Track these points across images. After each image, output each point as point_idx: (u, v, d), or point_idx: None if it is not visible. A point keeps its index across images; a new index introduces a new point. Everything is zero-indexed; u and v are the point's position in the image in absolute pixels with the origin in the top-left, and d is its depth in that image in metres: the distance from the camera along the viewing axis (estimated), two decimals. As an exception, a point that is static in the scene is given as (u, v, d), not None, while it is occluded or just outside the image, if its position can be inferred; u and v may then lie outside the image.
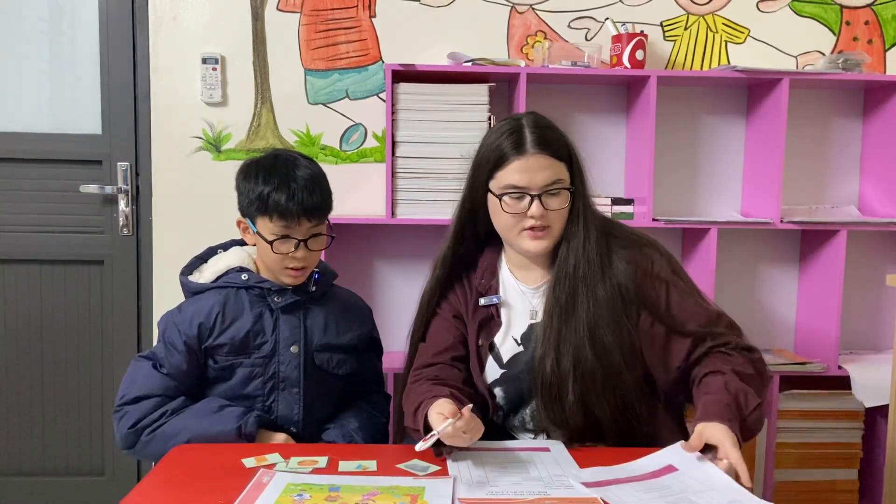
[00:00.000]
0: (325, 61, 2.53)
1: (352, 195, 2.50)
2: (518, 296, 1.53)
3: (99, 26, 2.54)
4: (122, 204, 2.57)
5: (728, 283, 2.56)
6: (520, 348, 1.51)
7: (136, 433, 1.49)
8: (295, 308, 1.57)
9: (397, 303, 2.52)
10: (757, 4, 2.57)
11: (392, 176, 2.31)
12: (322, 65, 2.53)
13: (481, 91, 2.31)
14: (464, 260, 1.57)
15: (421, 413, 1.34)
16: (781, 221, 2.38)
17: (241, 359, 1.54)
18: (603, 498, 1.14)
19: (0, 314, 2.60)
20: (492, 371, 1.52)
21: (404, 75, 2.32)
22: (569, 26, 2.55)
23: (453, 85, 2.31)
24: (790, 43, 2.58)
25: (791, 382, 2.40)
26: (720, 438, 1.23)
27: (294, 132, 2.55)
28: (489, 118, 2.31)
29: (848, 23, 2.59)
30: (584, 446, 1.42)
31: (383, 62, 2.52)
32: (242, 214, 1.57)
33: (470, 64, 2.32)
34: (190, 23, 2.50)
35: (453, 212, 1.55)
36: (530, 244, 1.45)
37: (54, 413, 2.64)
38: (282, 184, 1.48)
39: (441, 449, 1.30)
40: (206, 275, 1.60)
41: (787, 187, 2.52)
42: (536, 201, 1.41)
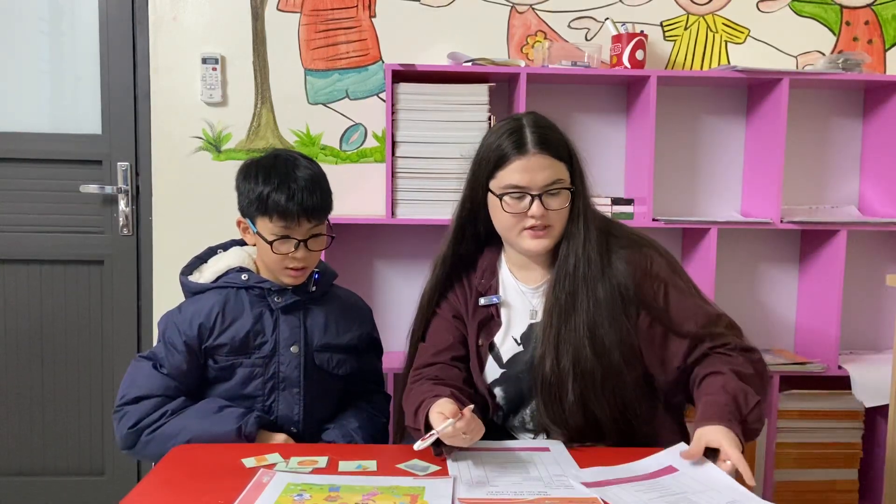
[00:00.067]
0: (325, 61, 2.53)
1: (352, 195, 2.51)
2: (518, 296, 1.53)
3: (99, 26, 2.54)
4: (122, 204, 2.57)
5: (728, 283, 2.56)
6: (520, 348, 1.51)
7: (137, 433, 1.49)
8: (295, 308, 1.57)
9: (397, 303, 2.52)
10: (757, 4, 2.57)
11: (392, 176, 2.31)
12: (322, 65, 2.53)
13: (481, 91, 2.31)
14: (464, 260, 1.57)
15: (422, 412, 1.34)
16: (781, 221, 2.38)
17: (241, 359, 1.54)
18: (603, 498, 1.14)
19: (0, 314, 2.61)
20: (492, 371, 1.52)
21: (404, 75, 2.32)
22: (569, 26, 2.55)
23: (453, 85, 2.31)
24: (790, 43, 2.58)
25: (791, 382, 2.40)
26: (719, 440, 1.23)
27: (294, 132, 2.54)
28: (489, 118, 2.31)
29: (848, 23, 2.59)
30: (584, 446, 1.42)
31: (383, 62, 2.52)
32: (242, 214, 1.57)
33: (470, 64, 2.32)
34: (190, 23, 2.50)
35: (453, 212, 1.55)
36: (531, 243, 1.45)
37: (54, 413, 2.64)
38: (282, 184, 1.48)
39: (441, 449, 1.30)
40: (206, 275, 1.60)
41: (787, 187, 2.52)
42: (537, 201, 1.41)
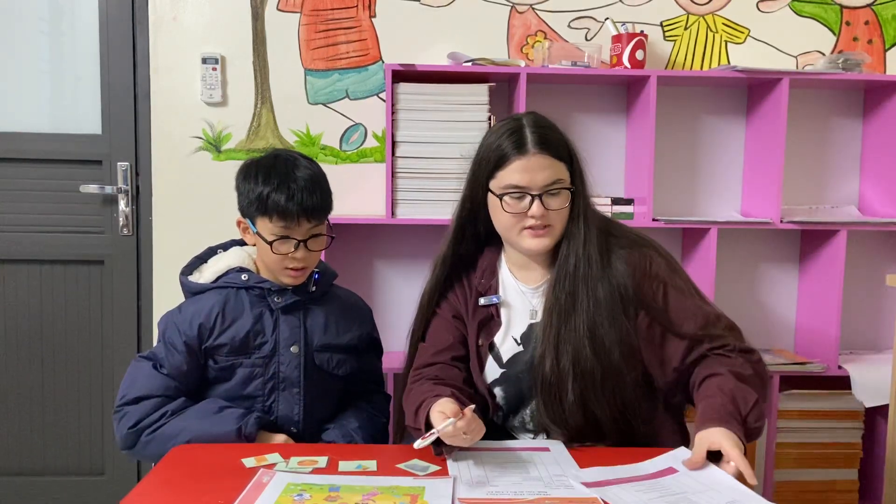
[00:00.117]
0: (325, 61, 2.53)
1: (352, 195, 2.51)
2: (518, 296, 1.53)
3: (99, 26, 2.54)
4: (122, 204, 2.57)
5: (728, 283, 2.56)
6: (519, 348, 1.51)
7: (137, 433, 1.49)
8: (295, 308, 1.57)
9: (397, 303, 2.52)
10: (757, 4, 2.57)
11: (392, 176, 2.31)
12: (322, 65, 2.53)
13: (481, 91, 2.31)
14: (464, 260, 1.57)
15: (422, 412, 1.34)
16: (781, 221, 2.38)
17: (242, 359, 1.54)
18: (603, 498, 1.14)
19: (0, 314, 2.61)
20: (491, 371, 1.52)
21: (404, 75, 2.32)
22: (569, 26, 2.55)
23: (453, 85, 2.31)
24: (790, 43, 2.58)
25: (791, 382, 2.40)
26: (720, 441, 1.23)
27: (294, 132, 2.54)
28: (489, 118, 2.31)
29: (848, 23, 2.59)
30: (584, 446, 1.42)
31: (383, 62, 2.52)
32: (242, 214, 1.57)
33: (470, 64, 2.32)
34: (190, 23, 2.50)
35: (453, 211, 1.55)
36: (531, 242, 1.45)
37: (54, 413, 2.64)
38: (281, 184, 1.48)
39: (441, 448, 1.30)
40: (206, 275, 1.60)
41: (787, 187, 2.52)
42: (537, 201, 1.41)
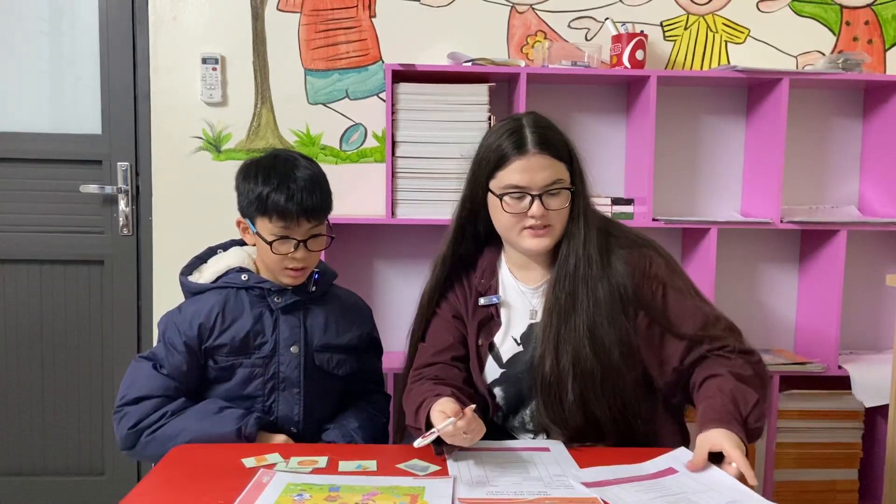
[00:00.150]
0: (325, 61, 2.53)
1: (352, 195, 2.51)
2: (518, 296, 1.53)
3: (99, 26, 2.54)
4: (122, 204, 2.57)
5: (728, 283, 2.56)
6: (519, 348, 1.51)
7: (137, 434, 1.49)
8: (295, 308, 1.57)
9: (397, 303, 2.52)
10: (757, 4, 2.57)
11: (392, 176, 2.31)
12: (322, 65, 2.53)
13: (481, 91, 2.31)
14: (464, 260, 1.57)
15: (423, 411, 1.34)
16: (781, 221, 2.38)
17: (242, 359, 1.54)
18: (603, 498, 1.14)
19: (0, 314, 2.61)
20: (491, 371, 1.52)
21: (404, 75, 2.32)
22: (569, 26, 2.55)
23: (453, 85, 2.31)
24: (790, 43, 2.58)
25: (791, 382, 2.40)
26: (721, 443, 1.22)
27: (294, 132, 2.54)
28: (489, 118, 2.31)
29: (848, 23, 2.59)
30: (584, 446, 1.42)
31: (383, 62, 2.52)
32: (242, 215, 1.57)
33: (470, 64, 2.32)
34: (190, 23, 2.50)
35: (453, 211, 1.55)
36: (531, 242, 1.45)
37: (54, 413, 2.64)
38: (281, 184, 1.48)
39: (441, 448, 1.30)
40: (206, 275, 1.60)
41: (787, 187, 2.52)
42: (537, 201, 1.41)
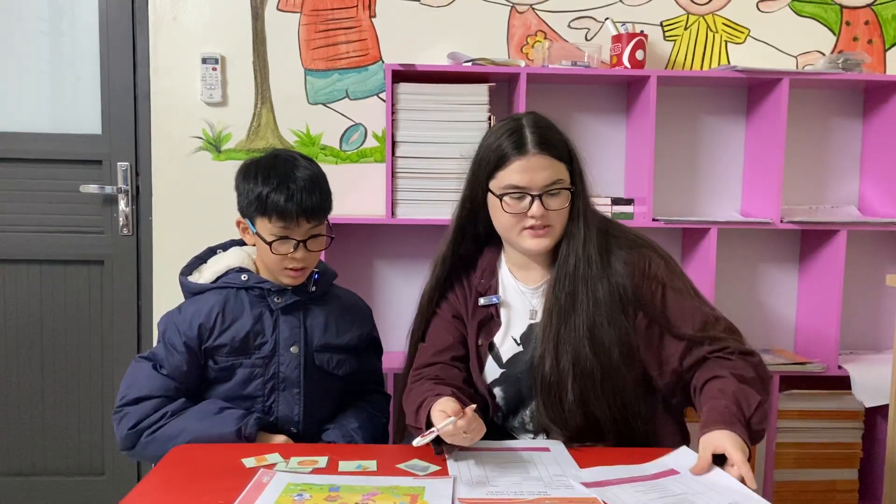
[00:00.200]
0: (325, 61, 2.53)
1: (352, 195, 2.50)
2: (518, 296, 1.53)
3: (99, 26, 2.54)
4: (122, 204, 2.57)
5: (728, 283, 2.56)
6: (519, 348, 1.51)
7: (137, 434, 1.49)
8: (295, 308, 1.57)
9: (397, 303, 2.52)
10: (757, 4, 2.57)
11: (392, 176, 2.31)
12: (322, 65, 2.53)
13: (481, 91, 2.31)
14: (463, 260, 1.57)
15: (423, 411, 1.34)
16: (781, 221, 2.38)
17: (241, 359, 1.54)
18: (603, 498, 1.14)
19: (0, 314, 2.61)
20: (491, 371, 1.52)
21: (404, 75, 2.32)
22: (569, 26, 2.55)
23: (453, 85, 2.31)
24: (790, 43, 2.58)
25: (791, 382, 2.40)
26: (724, 444, 1.22)
27: (294, 132, 2.54)
28: (489, 118, 2.31)
29: (848, 23, 2.59)
30: (584, 446, 1.42)
31: (383, 62, 2.52)
32: (242, 215, 1.57)
33: (470, 64, 2.32)
34: (190, 23, 2.50)
35: (453, 212, 1.55)
36: (531, 242, 1.45)
37: (54, 413, 2.64)
38: (281, 184, 1.48)
39: (441, 447, 1.30)
40: (206, 275, 1.60)
41: (787, 187, 2.52)
42: (537, 201, 1.41)
